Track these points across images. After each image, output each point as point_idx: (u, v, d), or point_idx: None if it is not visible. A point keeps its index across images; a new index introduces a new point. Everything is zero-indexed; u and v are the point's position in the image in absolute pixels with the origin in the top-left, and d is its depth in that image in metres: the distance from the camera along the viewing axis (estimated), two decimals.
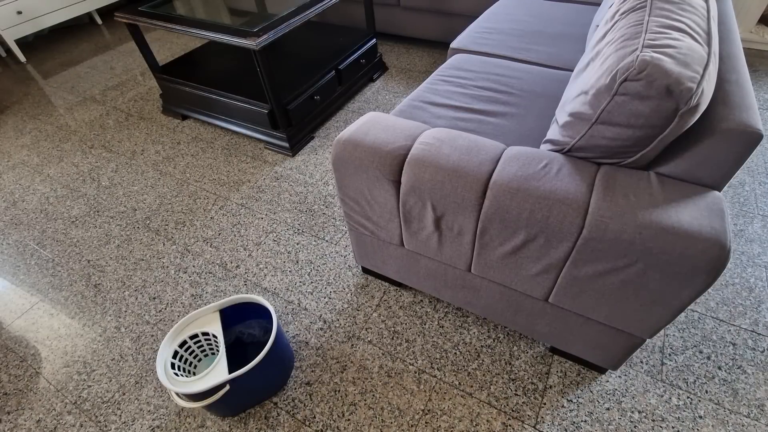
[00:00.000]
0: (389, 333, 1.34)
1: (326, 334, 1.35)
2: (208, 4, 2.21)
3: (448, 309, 1.39)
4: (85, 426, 1.20)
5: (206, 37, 1.79)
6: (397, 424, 1.15)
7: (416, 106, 1.39)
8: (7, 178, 2.11)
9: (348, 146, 1.04)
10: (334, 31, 2.51)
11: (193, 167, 2.06)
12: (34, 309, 1.51)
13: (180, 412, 1.21)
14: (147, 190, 1.96)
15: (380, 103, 2.34)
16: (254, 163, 2.04)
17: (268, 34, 1.69)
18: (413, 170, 0.96)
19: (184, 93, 2.23)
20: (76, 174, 2.08)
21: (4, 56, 3.30)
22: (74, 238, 1.75)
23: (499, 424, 1.13)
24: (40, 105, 2.65)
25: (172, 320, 1.43)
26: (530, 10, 1.98)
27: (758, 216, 1.61)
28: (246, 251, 1.63)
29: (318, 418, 1.17)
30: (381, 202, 1.10)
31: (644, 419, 1.12)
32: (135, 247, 1.69)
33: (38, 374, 1.33)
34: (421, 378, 1.23)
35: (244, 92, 2.05)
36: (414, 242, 1.14)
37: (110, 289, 1.55)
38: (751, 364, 1.20)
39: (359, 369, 1.26)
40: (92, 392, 1.27)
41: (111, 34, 3.50)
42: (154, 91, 2.67)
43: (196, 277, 1.55)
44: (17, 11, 2.97)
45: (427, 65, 2.65)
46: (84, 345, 1.39)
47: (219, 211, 1.81)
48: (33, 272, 1.64)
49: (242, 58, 2.33)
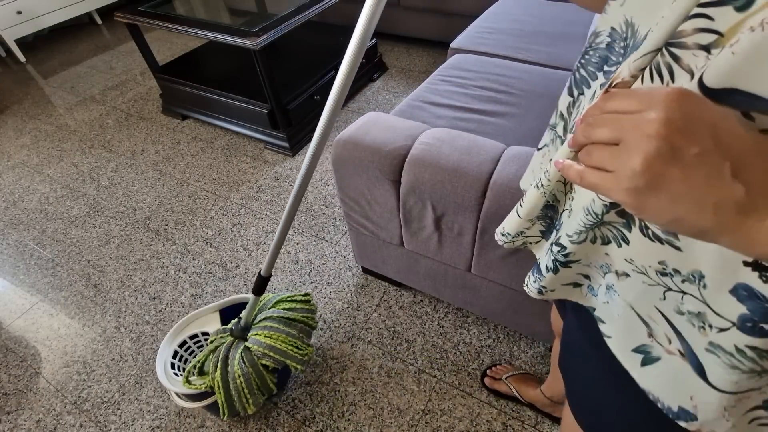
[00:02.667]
0: (389, 333, 1.34)
1: (326, 334, 1.35)
2: (208, 4, 2.21)
3: (448, 309, 1.39)
4: (85, 426, 1.20)
5: (206, 37, 1.79)
6: (397, 424, 1.14)
7: (416, 106, 1.39)
8: (7, 178, 2.11)
9: (348, 146, 1.04)
10: (334, 31, 2.51)
11: (193, 167, 2.06)
12: (33, 309, 1.51)
13: (180, 412, 1.21)
14: (147, 190, 1.95)
15: (380, 103, 2.34)
16: (254, 163, 2.04)
17: (268, 34, 1.69)
18: (413, 170, 0.96)
19: (184, 93, 2.23)
20: (76, 174, 2.08)
21: (4, 56, 3.30)
22: (74, 238, 1.75)
23: (499, 424, 1.13)
24: (39, 105, 2.65)
25: (171, 320, 1.43)
26: (530, 10, 1.98)
27: None
28: (246, 251, 1.63)
29: (318, 418, 1.17)
30: (381, 202, 1.10)
31: None
32: (135, 247, 1.69)
33: (38, 374, 1.33)
34: (421, 378, 1.23)
35: (244, 92, 2.05)
36: (414, 242, 1.14)
37: (110, 289, 1.55)
38: None
39: (359, 369, 1.26)
40: (92, 392, 1.27)
41: (111, 34, 3.50)
42: (154, 91, 2.67)
43: (196, 277, 1.55)
44: (17, 11, 2.97)
45: (427, 65, 2.65)
46: (84, 345, 1.39)
47: (219, 211, 1.81)
48: (33, 272, 1.64)
49: (242, 58, 2.33)
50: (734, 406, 0.36)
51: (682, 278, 0.35)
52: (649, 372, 0.42)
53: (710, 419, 0.38)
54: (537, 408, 1.14)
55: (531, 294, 0.54)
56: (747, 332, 0.31)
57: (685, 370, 0.38)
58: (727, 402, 0.36)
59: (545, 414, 1.13)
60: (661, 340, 0.40)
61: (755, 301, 0.30)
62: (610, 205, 0.38)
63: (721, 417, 0.37)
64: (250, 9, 2.11)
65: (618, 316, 0.44)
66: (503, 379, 1.18)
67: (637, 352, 0.42)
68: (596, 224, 0.41)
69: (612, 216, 0.39)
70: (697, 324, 0.35)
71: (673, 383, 0.40)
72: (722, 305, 0.33)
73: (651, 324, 0.40)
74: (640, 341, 0.42)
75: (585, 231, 0.42)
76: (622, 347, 0.44)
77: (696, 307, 0.35)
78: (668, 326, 0.38)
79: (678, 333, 0.37)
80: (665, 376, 0.40)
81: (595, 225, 0.41)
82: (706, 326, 0.34)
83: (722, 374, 0.34)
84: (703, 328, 0.35)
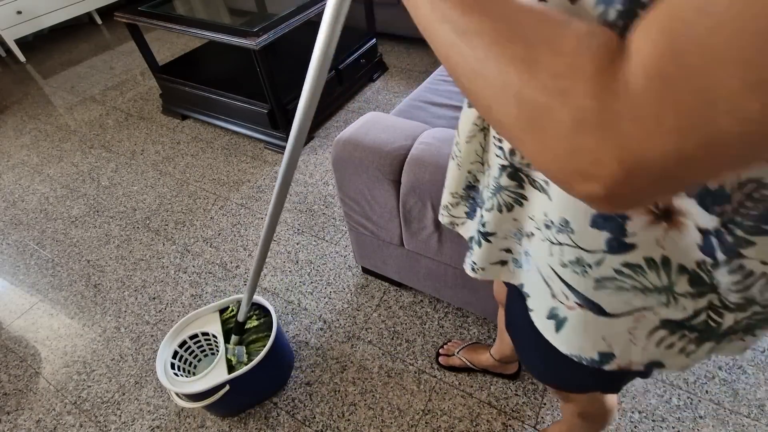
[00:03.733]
0: (389, 333, 1.34)
1: (326, 334, 1.35)
2: (208, 4, 2.21)
3: (448, 309, 1.39)
4: (85, 426, 1.20)
5: (206, 36, 1.79)
6: (397, 424, 1.14)
7: (416, 106, 1.39)
8: (6, 178, 2.11)
9: (348, 146, 1.04)
10: None
11: (193, 167, 2.06)
12: (33, 309, 1.51)
13: (180, 412, 1.21)
14: (147, 190, 1.95)
15: (380, 103, 2.34)
16: (254, 163, 2.04)
17: (268, 34, 1.69)
18: (413, 170, 0.96)
19: (184, 93, 2.23)
20: (76, 174, 2.08)
21: (4, 56, 3.30)
22: (74, 238, 1.75)
23: (499, 424, 1.13)
24: (39, 105, 2.65)
25: (171, 320, 1.43)
26: None
27: None
28: (246, 251, 1.63)
29: (318, 419, 1.17)
30: (381, 202, 1.10)
31: (644, 419, 1.12)
32: (135, 247, 1.69)
33: (38, 374, 1.33)
34: (421, 378, 1.23)
35: (244, 92, 2.05)
36: (414, 242, 1.14)
37: (110, 289, 1.55)
38: (752, 364, 1.20)
39: (359, 369, 1.26)
40: (92, 392, 1.27)
41: (111, 34, 3.50)
42: (154, 91, 2.67)
43: (195, 277, 1.55)
44: (17, 11, 2.97)
45: (427, 65, 2.65)
46: (84, 345, 1.39)
47: (219, 211, 1.81)
48: (33, 272, 1.64)
49: (242, 58, 2.33)
50: (635, 327, 0.40)
51: (557, 229, 0.39)
52: (564, 336, 0.46)
53: (624, 350, 0.42)
54: (490, 371, 1.21)
55: (467, 272, 0.59)
56: (615, 252, 0.36)
57: (588, 317, 0.42)
58: (629, 325, 0.40)
59: (498, 374, 1.20)
60: (560, 297, 0.43)
61: (612, 222, 0.35)
62: (501, 167, 0.43)
63: (630, 343, 0.41)
64: (250, 9, 2.11)
65: (533, 283, 0.48)
66: (456, 354, 1.23)
67: (550, 318, 0.46)
68: (497, 189, 0.45)
69: (505, 180, 0.44)
70: (580, 270, 0.39)
71: (584, 334, 0.43)
72: (590, 240, 0.37)
73: (550, 283, 0.44)
74: (549, 304, 0.46)
75: (492, 197, 0.47)
76: (540, 316, 0.48)
77: (573, 254, 0.39)
78: (560, 282, 0.42)
79: (569, 286, 0.41)
80: (577, 331, 0.44)
81: (497, 190, 0.46)
82: (586, 268, 0.39)
83: (614, 300, 0.39)
84: (585, 271, 0.39)
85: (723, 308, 0.36)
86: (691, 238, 0.33)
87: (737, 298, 0.35)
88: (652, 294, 0.37)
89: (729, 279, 0.33)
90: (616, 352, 0.43)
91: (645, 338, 0.40)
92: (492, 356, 1.16)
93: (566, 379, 0.57)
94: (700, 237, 0.32)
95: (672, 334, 0.39)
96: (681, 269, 0.35)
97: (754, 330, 0.39)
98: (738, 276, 0.33)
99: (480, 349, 1.22)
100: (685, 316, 0.38)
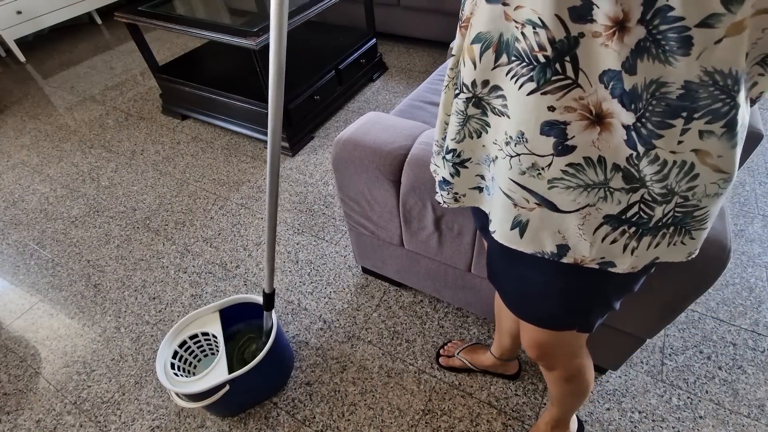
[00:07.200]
0: (389, 333, 1.34)
1: (326, 335, 1.35)
2: (208, 4, 2.21)
3: (448, 309, 1.39)
4: (85, 426, 1.20)
5: (206, 37, 1.79)
6: (397, 424, 1.14)
7: (416, 106, 1.39)
8: (6, 178, 2.11)
9: (348, 146, 1.04)
10: (334, 31, 2.51)
11: (192, 167, 2.06)
12: (33, 309, 1.51)
13: (180, 412, 1.21)
14: (147, 190, 1.95)
15: (380, 103, 2.34)
16: (254, 163, 2.04)
17: (268, 33, 1.69)
18: (413, 170, 0.96)
19: (184, 93, 2.23)
20: (76, 174, 2.08)
21: (4, 56, 3.30)
22: (74, 238, 1.75)
23: (499, 424, 1.13)
24: (39, 105, 2.65)
25: (171, 320, 1.43)
26: None
27: (758, 216, 1.61)
28: (246, 251, 1.63)
29: (318, 419, 1.17)
30: (381, 202, 1.10)
31: (644, 419, 1.12)
32: (135, 247, 1.69)
33: (38, 374, 1.33)
34: (421, 378, 1.23)
35: (244, 92, 2.05)
36: (414, 242, 1.14)
37: (110, 289, 1.55)
38: (752, 364, 1.20)
39: (359, 369, 1.26)
40: (92, 392, 1.27)
41: (111, 34, 3.50)
42: (153, 91, 2.67)
43: (195, 277, 1.55)
44: (17, 11, 2.97)
45: (427, 65, 2.65)
46: (84, 345, 1.39)
47: (219, 211, 1.81)
48: (33, 272, 1.64)
49: (242, 58, 2.33)
50: (582, 224, 0.48)
51: (515, 142, 0.47)
52: (528, 238, 0.53)
53: (576, 244, 0.50)
54: (491, 372, 1.21)
55: (448, 203, 0.66)
56: (560, 154, 0.44)
57: (545, 213, 0.49)
58: (577, 221, 0.48)
59: (498, 375, 1.21)
60: (522, 204, 0.51)
61: (555, 128, 0.43)
62: (467, 99, 0.51)
63: (580, 238, 0.49)
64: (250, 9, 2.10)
65: (498, 205, 0.54)
66: (456, 355, 1.23)
67: (514, 227, 0.53)
68: (465, 120, 0.53)
69: (472, 109, 0.51)
70: (536, 173, 0.47)
71: (543, 231, 0.51)
72: (541, 146, 0.45)
73: (512, 195, 0.51)
74: (512, 215, 0.52)
75: (460, 129, 0.54)
76: (504, 230, 0.55)
77: (529, 161, 0.46)
78: (521, 189, 0.49)
79: (528, 190, 0.49)
80: (538, 228, 0.51)
81: (465, 121, 0.53)
82: (541, 171, 0.46)
83: (564, 198, 0.47)
84: (540, 174, 0.47)
85: (652, 201, 0.44)
86: (618, 136, 0.41)
87: (660, 188, 0.42)
88: (593, 191, 0.45)
89: (650, 169, 0.41)
90: (570, 245, 0.50)
91: (592, 234, 0.48)
92: (492, 354, 1.17)
93: (545, 311, 0.63)
94: (624, 132, 0.40)
95: (614, 231, 0.47)
96: (615, 167, 0.43)
97: (686, 225, 0.45)
98: (656, 166, 0.40)
99: (480, 349, 1.22)
100: (621, 209, 0.45)
